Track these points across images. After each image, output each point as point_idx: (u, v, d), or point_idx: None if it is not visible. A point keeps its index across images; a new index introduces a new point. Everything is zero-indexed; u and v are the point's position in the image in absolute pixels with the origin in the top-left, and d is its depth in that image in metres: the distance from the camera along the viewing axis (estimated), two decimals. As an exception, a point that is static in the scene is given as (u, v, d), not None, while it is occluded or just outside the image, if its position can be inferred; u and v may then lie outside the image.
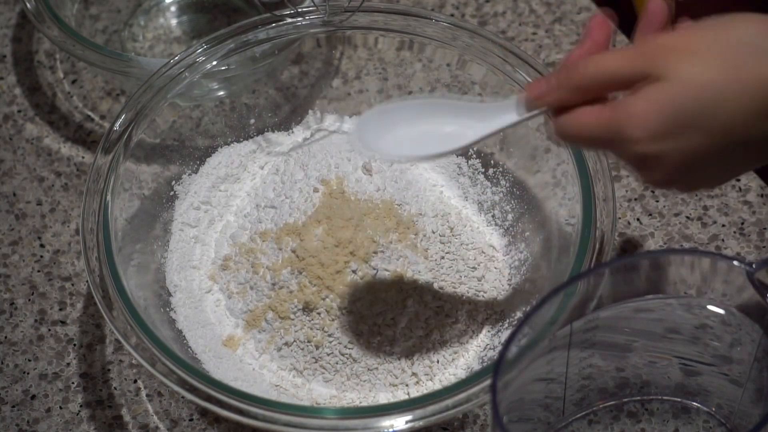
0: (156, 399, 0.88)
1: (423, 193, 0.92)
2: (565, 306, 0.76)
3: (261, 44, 0.92)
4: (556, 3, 1.06)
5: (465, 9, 1.07)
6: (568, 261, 0.82)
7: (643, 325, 0.79)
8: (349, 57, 0.96)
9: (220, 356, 0.86)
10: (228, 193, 0.94)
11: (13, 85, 1.05)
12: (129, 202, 0.88)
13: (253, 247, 0.89)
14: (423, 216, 0.90)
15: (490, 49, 0.90)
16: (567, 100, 0.70)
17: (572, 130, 0.70)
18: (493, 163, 0.94)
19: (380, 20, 0.92)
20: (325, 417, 0.76)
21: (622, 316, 0.78)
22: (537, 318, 0.73)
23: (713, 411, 0.83)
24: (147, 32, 1.06)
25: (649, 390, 0.83)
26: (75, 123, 1.02)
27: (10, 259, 0.95)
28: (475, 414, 0.87)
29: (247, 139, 0.96)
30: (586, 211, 0.83)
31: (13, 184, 0.99)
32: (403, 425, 0.76)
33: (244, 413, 0.76)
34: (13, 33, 1.08)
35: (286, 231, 0.89)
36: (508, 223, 0.92)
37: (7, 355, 0.90)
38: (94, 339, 0.91)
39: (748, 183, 0.96)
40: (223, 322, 0.89)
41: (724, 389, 0.81)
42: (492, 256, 0.91)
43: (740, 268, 0.73)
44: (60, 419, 0.87)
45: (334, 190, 0.91)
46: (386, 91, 0.96)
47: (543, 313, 0.74)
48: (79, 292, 0.93)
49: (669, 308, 0.78)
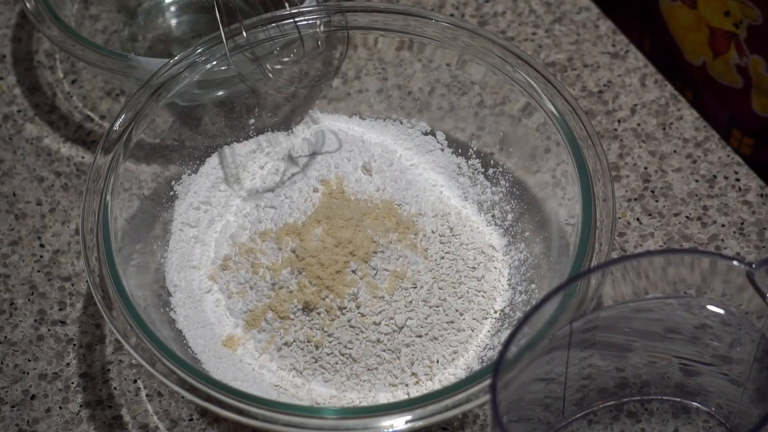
0: (156, 399, 0.88)
1: (423, 193, 0.92)
2: (565, 306, 0.76)
3: (261, 44, 0.92)
4: (556, 3, 1.06)
5: (465, 9, 1.07)
6: (568, 261, 0.82)
7: (642, 325, 0.79)
8: (349, 57, 0.96)
9: (220, 356, 0.86)
10: (228, 193, 0.94)
11: (13, 85, 1.05)
12: (129, 202, 0.88)
13: (252, 247, 0.89)
14: (423, 216, 0.90)
15: (490, 49, 0.90)
16: None
17: None
18: (493, 163, 0.94)
19: (380, 20, 0.92)
20: (325, 417, 0.76)
21: (622, 316, 0.78)
22: (537, 318, 0.73)
23: (713, 411, 0.83)
24: (147, 32, 1.06)
25: (649, 390, 0.83)
26: (75, 123, 1.02)
27: (10, 259, 0.95)
28: (475, 414, 0.87)
29: (247, 139, 0.96)
30: (586, 211, 0.83)
31: (13, 184, 0.99)
32: (403, 425, 0.76)
33: (244, 413, 0.76)
34: (13, 33, 1.08)
35: (285, 231, 0.89)
36: (508, 223, 0.93)
37: (6, 355, 0.90)
38: (94, 339, 0.91)
39: (748, 183, 0.96)
40: (222, 322, 0.89)
41: (723, 389, 0.81)
42: (492, 256, 0.91)
43: (740, 268, 0.73)
44: (60, 419, 0.87)
45: (333, 190, 0.91)
46: (386, 91, 0.96)
47: (543, 313, 0.74)
48: (79, 292, 0.93)
49: (669, 308, 0.78)
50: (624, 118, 1.00)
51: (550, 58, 1.04)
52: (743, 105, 1.00)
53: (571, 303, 0.76)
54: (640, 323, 0.79)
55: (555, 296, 0.74)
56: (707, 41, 1.00)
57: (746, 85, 0.99)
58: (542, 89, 0.88)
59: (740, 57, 0.97)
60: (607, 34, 1.04)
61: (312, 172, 0.92)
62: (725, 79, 1.01)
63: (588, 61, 1.03)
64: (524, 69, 0.89)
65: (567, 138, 0.87)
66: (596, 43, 1.04)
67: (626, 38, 1.04)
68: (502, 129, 0.93)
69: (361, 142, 0.95)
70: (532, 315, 0.72)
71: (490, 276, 0.90)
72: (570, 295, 0.75)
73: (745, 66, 0.98)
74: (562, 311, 0.76)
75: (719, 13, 0.97)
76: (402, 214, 0.90)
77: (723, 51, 0.99)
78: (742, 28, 0.96)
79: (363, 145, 0.94)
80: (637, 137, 0.99)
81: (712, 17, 0.98)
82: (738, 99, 1.01)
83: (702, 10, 0.98)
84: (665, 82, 1.02)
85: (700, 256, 0.75)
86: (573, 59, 1.03)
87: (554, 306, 0.75)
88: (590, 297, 0.76)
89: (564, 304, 0.76)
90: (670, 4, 1.01)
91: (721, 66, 1.00)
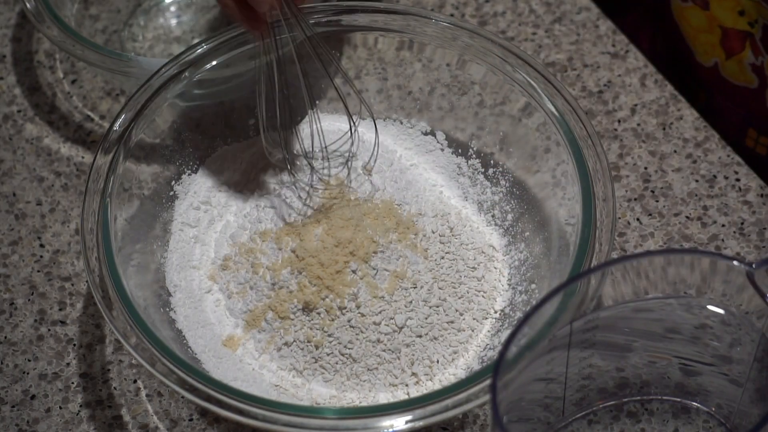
0: (156, 399, 0.88)
1: (423, 193, 0.92)
2: (565, 306, 0.76)
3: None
4: (555, 3, 1.06)
5: (465, 9, 1.07)
6: (568, 261, 0.82)
7: (643, 325, 0.79)
8: (349, 57, 0.96)
9: (220, 356, 0.86)
10: (228, 193, 0.94)
11: (13, 85, 1.05)
12: (129, 202, 0.88)
13: (252, 247, 0.89)
14: (423, 216, 0.90)
15: (490, 49, 0.90)
16: None
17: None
18: (493, 163, 0.94)
19: (380, 20, 0.92)
20: (325, 417, 0.76)
21: (622, 316, 0.78)
22: (537, 318, 0.73)
23: (713, 411, 0.83)
24: (147, 32, 1.06)
25: (649, 390, 0.83)
26: (75, 123, 1.02)
27: (10, 259, 0.95)
28: (475, 414, 0.87)
29: (247, 139, 0.96)
30: (586, 211, 0.83)
31: (13, 184, 0.99)
32: (403, 425, 0.76)
33: (244, 413, 0.76)
34: (13, 33, 1.08)
35: (285, 231, 0.89)
36: (508, 223, 0.92)
37: (7, 355, 0.90)
38: (94, 339, 0.91)
39: (748, 183, 0.96)
40: (222, 322, 0.89)
41: (724, 389, 0.81)
42: (492, 256, 0.91)
43: (740, 268, 0.73)
44: (60, 419, 0.87)
45: (334, 189, 0.91)
46: (386, 91, 0.96)
47: (543, 312, 0.74)
48: (79, 292, 0.93)
49: (668, 308, 0.78)
50: (624, 118, 1.00)
51: (550, 58, 1.03)
52: (759, 104, 1.00)
53: (571, 303, 0.76)
54: (640, 323, 0.79)
55: (555, 296, 0.74)
56: (719, 42, 0.99)
57: (761, 84, 0.99)
58: (542, 89, 0.88)
59: (755, 56, 0.97)
60: (607, 34, 1.04)
61: (312, 172, 0.92)
62: (739, 80, 1.01)
63: (588, 61, 1.03)
64: (524, 69, 0.89)
65: (567, 138, 0.87)
66: (596, 43, 1.04)
67: (626, 38, 1.04)
68: (502, 129, 0.93)
69: (361, 142, 0.95)
70: (532, 315, 0.72)
71: (490, 276, 0.90)
72: (570, 295, 0.75)
73: (760, 65, 0.98)
74: (563, 311, 0.76)
75: (733, 13, 0.97)
76: (402, 214, 0.90)
77: (737, 51, 0.99)
78: (757, 28, 0.96)
79: (363, 145, 0.94)
80: (637, 137, 0.99)
81: (725, 18, 0.97)
82: (753, 99, 1.00)
83: (714, 10, 0.98)
84: (665, 82, 1.02)
85: (700, 256, 0.75)
86: (573, 59, 1.03)
87: (554, 306, 0.75)
88: (590, 297, 0.76)
89: (564, 304, 0.76)
90: (682, 6, 1.01)
91: (735, 66, 1.00)
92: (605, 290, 0.76)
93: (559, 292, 0.75)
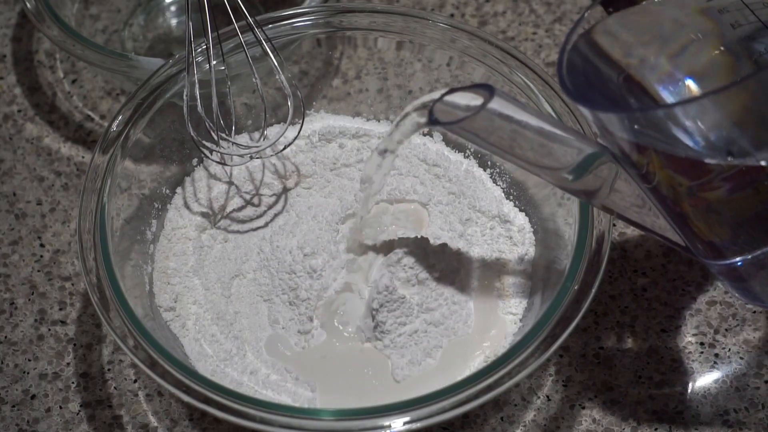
0: (155, 399, 0.88)
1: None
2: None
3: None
4: (556, 3, 1.06)
5: (465, 9, 1.07)
6: (567, 261, 0.82)
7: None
8: (349, 57, 0.96)
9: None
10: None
11: (13, 85, 1.05)
12: (127, 202, 0.88)
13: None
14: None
15: (489, 51, 0.90)
16: None
17: None
18: (491, 163, 0.94)
19: (380, 21, 0.92)
20: (323, 418, 0.76)
21: None
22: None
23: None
24: (147, 32, 1.06)
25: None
26: (75, 123, 1.02)
27: (10, 259, 0.95)
28: (476, 414, 0.87)
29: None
30: (584, 212, 0.83)
31: (13, 184, 0.99)
32: (403, 425, 0.76)
33: (242, 415, 0.76)
34: (13, 33, 1.08)
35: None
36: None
37: (7, 354, 0.90)
38: (94, 339, 0.91)
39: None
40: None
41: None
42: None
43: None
44: (60, 419, 0.88)
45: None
46: (386, 90, 0.96)
47: None
48: (79, 292, 0.93)
49: None
50: (624, 118, 1.00)
51: (550, 57, 1.03)
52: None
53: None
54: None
55: None
56: None
57: None
58: (540, 91, 0.88)
59: None
60: (608, 34, 1.04)
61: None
62: None
63: (588, 60, 1.03)
64: (522, 71, 0.89)
65: (566, 138, 0.87)
66: (597, 43, 1.04)
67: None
68: (502, 129, 0.93)
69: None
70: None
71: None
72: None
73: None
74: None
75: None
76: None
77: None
78: None
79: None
80: (637, 137, 0.99)
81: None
82: None
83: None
84: (665, 82, 1.02)
85: None
86: (573, 59, 1.03)
87: None
88: None
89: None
90: None
91: None
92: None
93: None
